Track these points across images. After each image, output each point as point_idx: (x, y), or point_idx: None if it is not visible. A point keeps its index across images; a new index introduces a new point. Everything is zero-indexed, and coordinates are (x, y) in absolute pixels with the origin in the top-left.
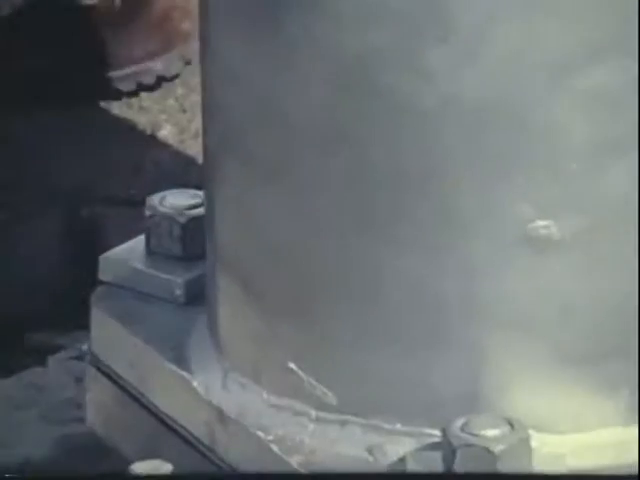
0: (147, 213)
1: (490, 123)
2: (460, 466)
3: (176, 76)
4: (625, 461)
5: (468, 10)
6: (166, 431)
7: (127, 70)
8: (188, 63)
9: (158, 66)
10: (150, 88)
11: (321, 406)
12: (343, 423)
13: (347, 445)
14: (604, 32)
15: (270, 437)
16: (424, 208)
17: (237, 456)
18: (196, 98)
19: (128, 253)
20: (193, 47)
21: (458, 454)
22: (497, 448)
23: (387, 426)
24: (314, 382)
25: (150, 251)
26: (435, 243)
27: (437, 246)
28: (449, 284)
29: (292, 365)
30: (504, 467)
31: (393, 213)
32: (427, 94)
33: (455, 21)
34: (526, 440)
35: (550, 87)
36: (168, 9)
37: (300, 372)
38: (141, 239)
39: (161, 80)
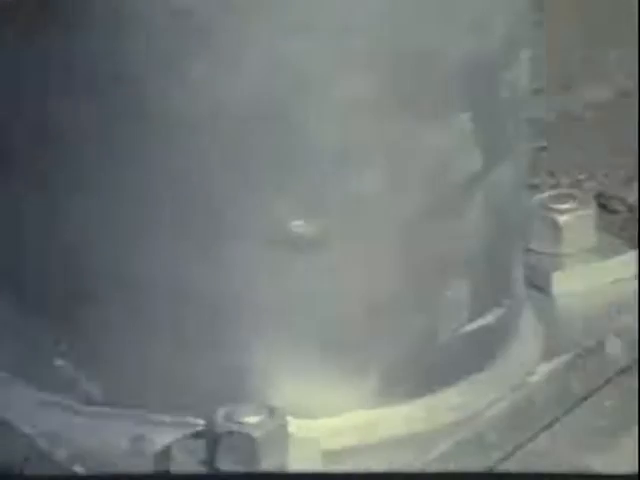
0: None
1: (245, 128)
2: (222, 453)
3: None
4: (371, 441)
5: (231, 19)
6: None
7: None
8: None
9: None
10: None
11: (88, 400)
12: (109, 416)
13: (114, 437)
14: (360, 43)
15: (36, 432)
16: (178, 212)
17: (5, 454)
18: None
19: None
20: None
21: (220, 441)
22: (256, 434)
23: (153, 417)
24: (81, 377)
25: None
26: (192, 245)
27: (194, 247)
28: (207, 284)
29: (59, 361)
30: (263, 452)
31: (145, 216)
32: (185, 101)
33: (214, 30)
34: (284, 426)
35: (305, 95)
36: None
37: (66, 367)
38: None
39: None
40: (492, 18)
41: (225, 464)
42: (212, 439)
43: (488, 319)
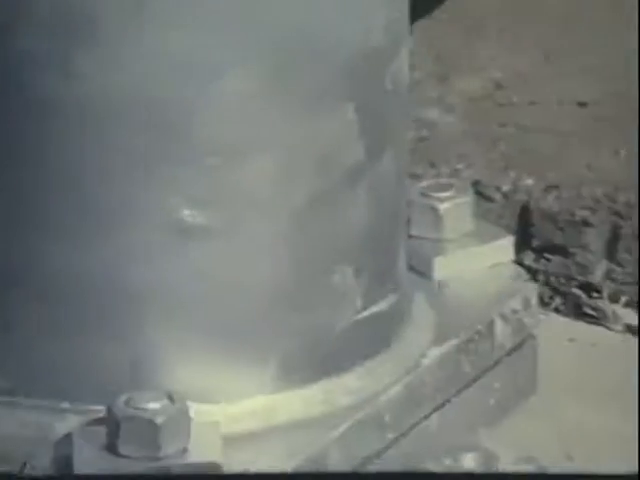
0: None
1: (137, 122)
2: (124, 438)
3: None
4: (271, 425)
5: (113, 14)
6: None
7: None
8: None
9: None
10: None
11: None
12: (15, 405)
13: (18, 426)
14: (244, 36)
15: None
16: (74, 204)
17: None
18: None
19: None
20: None
21: (122, 427)
22: (158, 419)
23: (56, 405)
24: None
25: None
26: (90, 234)
27: (93, 237)
28: (106, 272)
29: None
30: (164, 437)
31: (44, 207)
32: (74, 95)
33: (100, 24)
34: (185, 411)
35: (193, 89)
36: None
37: None
38: None
39: None
40: (375, 12)
41: (126, 449)
42: (114, 425)
43: (381, 306)
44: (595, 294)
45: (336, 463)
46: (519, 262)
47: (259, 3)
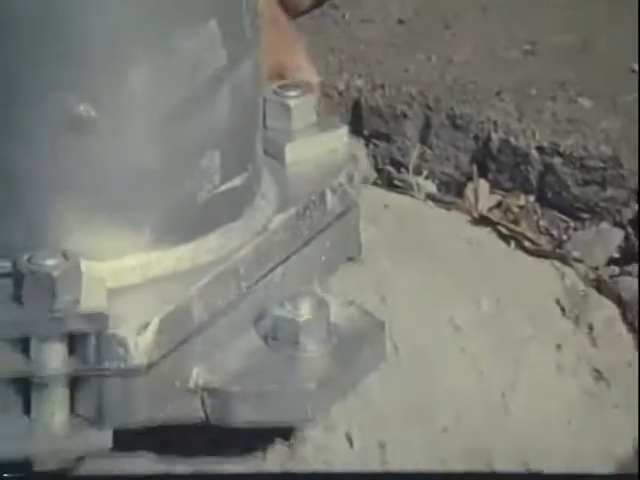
0: None
1: (44, 29)
2: (27, 290)
3: None
4: (147, 278)
5: None
6: None
7: None
8: None
9: None
10: None
11: None
12: None
13: None
14: None
15: None
16: None
17: None
18: None
19: None
20: None
21: (25, 280)
22: (55, 273)
23: None
24: None
25: None
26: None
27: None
28: (16, 156)
29: None
30: (60, 288)
31: None
32: None
33: None
34: (77, 267)
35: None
36: None
37: None
38: None
39: None
40: None
41: (29, 299)
42: (18, 279)
43: (236, 182)
44: (403, 169)
45: (200, 311)
46: (352, 147)
47: None
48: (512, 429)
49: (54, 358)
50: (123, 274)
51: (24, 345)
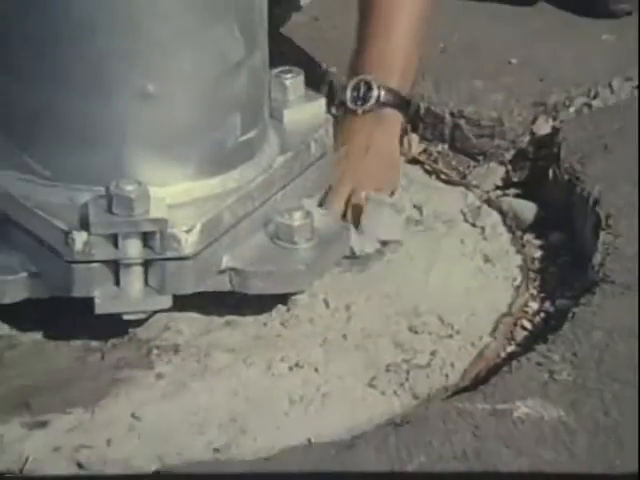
0: None
1: (124, 35)
2: (115, 204)
3: None
4: (192, 198)
5: None
6: None
7: None
8: None
9: None
10: None
11: (43, 177)
12: (55, 186)
13: (57, 197)
14: None
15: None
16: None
17: None
18: None
19: None
20: None
21: (114, 199)
22: (132, 195)
23: (78, 187)
24: (35, 163)
25: None
26: (83, 94)
27: (88, 96)
28: (110, 117)
29: (24, 156)
30: (138, 205)
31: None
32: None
33: None
34: (146, 190)
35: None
36: None
37: (27, 158)
38: None
39: None
40: None
41: (117, 210)
42: (110, 198)
43: (251, 134)
44: None
45: (228, 219)
46: (328, 111)
47: None
48: (431, 292)
49: (133, 248)
50: (177, 195)
51: (114, 240)
